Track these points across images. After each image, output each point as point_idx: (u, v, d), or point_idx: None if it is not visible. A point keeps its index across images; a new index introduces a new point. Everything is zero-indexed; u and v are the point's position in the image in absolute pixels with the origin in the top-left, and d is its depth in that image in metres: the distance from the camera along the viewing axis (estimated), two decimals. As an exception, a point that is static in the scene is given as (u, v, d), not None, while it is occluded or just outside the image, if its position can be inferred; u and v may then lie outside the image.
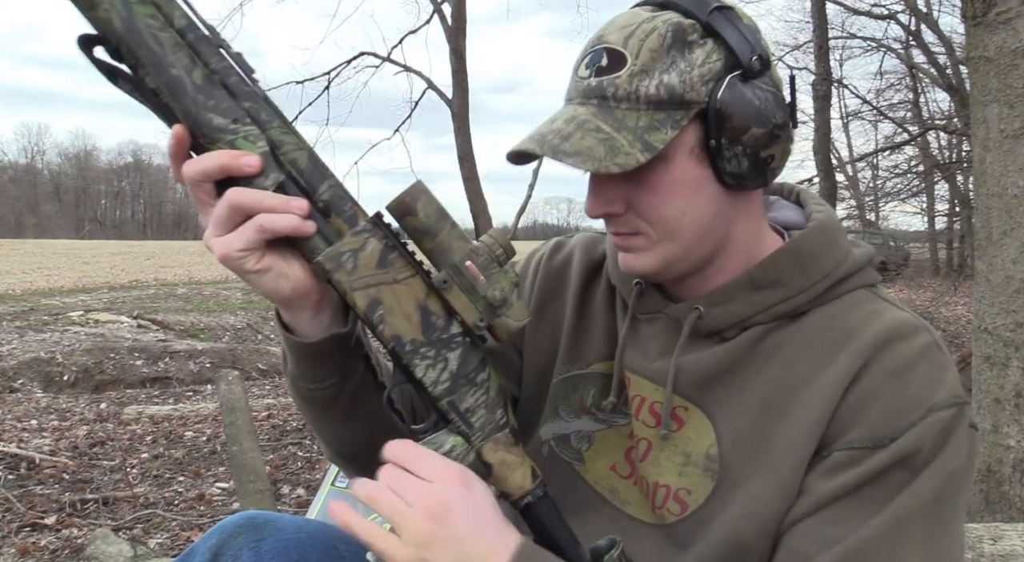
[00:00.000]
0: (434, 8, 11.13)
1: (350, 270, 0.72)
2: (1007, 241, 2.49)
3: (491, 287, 0.73)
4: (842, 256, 0.84)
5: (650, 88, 0.76)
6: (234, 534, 0.84)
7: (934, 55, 12.86)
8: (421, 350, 0.74)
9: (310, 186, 0.72)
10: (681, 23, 0.77)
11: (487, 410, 0.76)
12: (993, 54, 2.45)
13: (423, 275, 0.74)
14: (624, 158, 0.75)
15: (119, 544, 2.71)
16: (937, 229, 21.01)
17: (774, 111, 0.78)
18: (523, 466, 0.78)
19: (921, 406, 0.75)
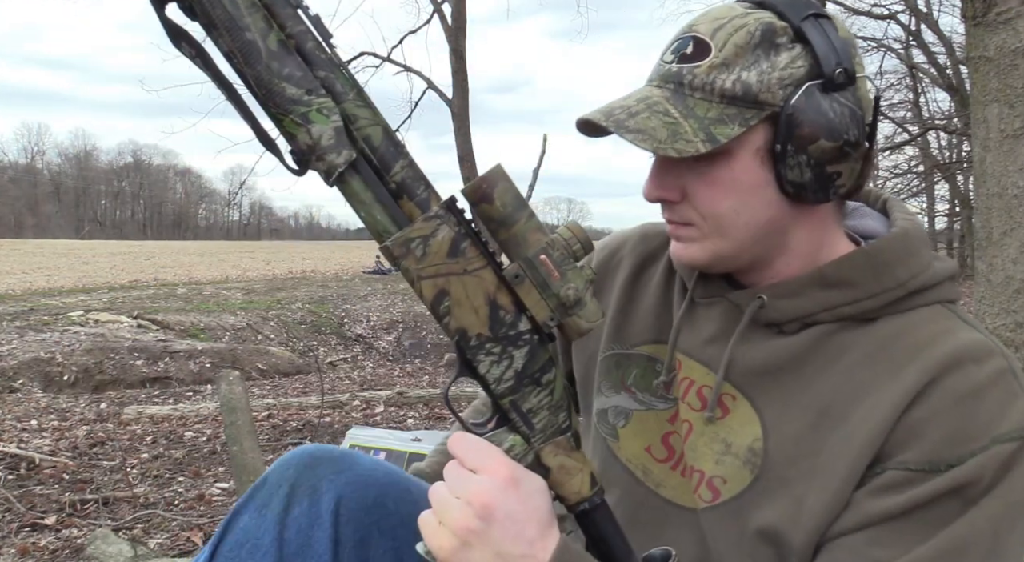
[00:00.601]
0: (434, 8, 11.14)
1: (419, 257, 0.68)
2: (1007, 241, 2.49)
3: (565, 285, 0.71)
4: (920, 268, 0.81)
5: (727, 82, 0.75)
6: (312, 465, 0.82)
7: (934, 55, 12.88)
8: (487, 346, 0.71)
9: (383, 164, 0.68)
10: (773, 24, 0.76)
11: (550, 412, 0.74)
12: (993, 54, 2.45)
13: (495, 267, 0.71)
14: (684, 144, 0.74)
15: (119, 544, 2.71)
16: (937, 229, 21.02)
17: (848, 127, 0.75)
18: (583, 472, 0.76)
19: (985, 435, 0.72)
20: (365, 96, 0.68)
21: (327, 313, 11.05)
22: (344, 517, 0.80)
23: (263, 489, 0.82)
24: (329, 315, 10.99)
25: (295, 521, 0.79)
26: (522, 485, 0.69)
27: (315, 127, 0.65)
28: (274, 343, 9.44)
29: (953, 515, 0.71)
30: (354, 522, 0.80)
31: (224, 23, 0.62)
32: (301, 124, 0.65)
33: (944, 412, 0.73)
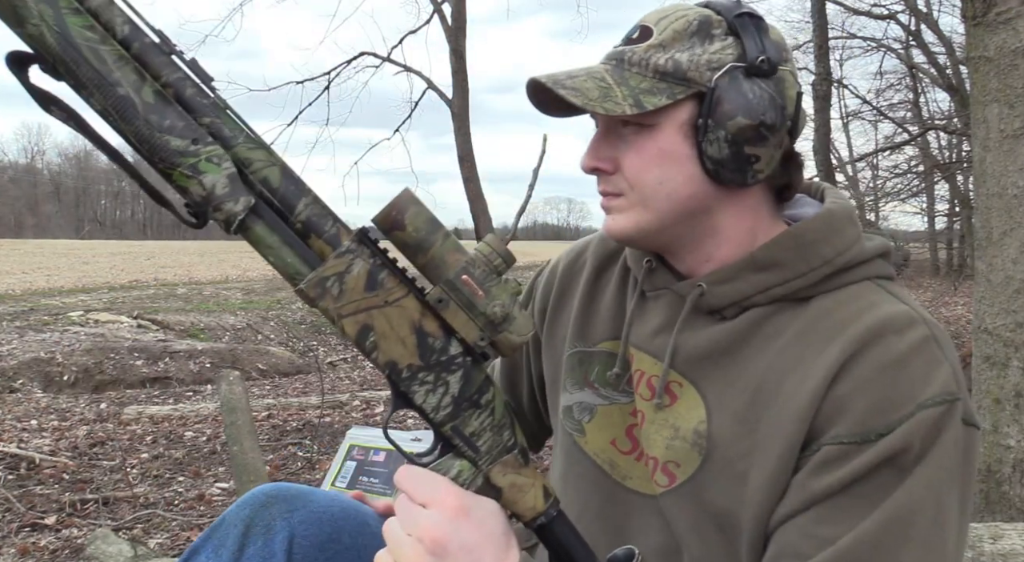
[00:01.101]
0: (434, 8, 11.14)
1: (336, 296, 0.67)
2: (1007, 241, 2.48)
3: (491, 302, 0.70)
4: (845, 245, 0.85)
5: (660, 60, 0.81)
6: (266, 504, 0.83)
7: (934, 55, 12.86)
8: (419, 375, 0.70)
9: (286, 205, 0.67)
10: (711, 17, 0.83)
11: (493, 432, 0.74)
12: (993, 54, 2.45)
13: (417, 294, 0.70)
14: (612, 105, 0.79)
15: (119, 544, 2.71)
16: (937, 229, 21.00)
17: (766, 109, 0.81)
18: (535, 487, 0.77)
19: (910, 402, 0.74)
20: (256, 137, 0.66)
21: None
22: (298, 555, 0.81)
23: (220, 529, 0.82)
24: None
25: (249, 560, 0.80)
26: (473, 513, 0.69)
27: (207, 177, 0.63)
28: (274, 343, 9.44)
29: (892, 485, 0.73)
30: (308, 559, 0.81)
31: (92, 81, 0.60)
32: (191, 175, 0.63)
33: (868, 383, 0.75)
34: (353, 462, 2.58)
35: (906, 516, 0.73)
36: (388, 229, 0.69)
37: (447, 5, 11.14)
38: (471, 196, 11.06)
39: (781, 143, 0.83)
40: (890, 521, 0.73)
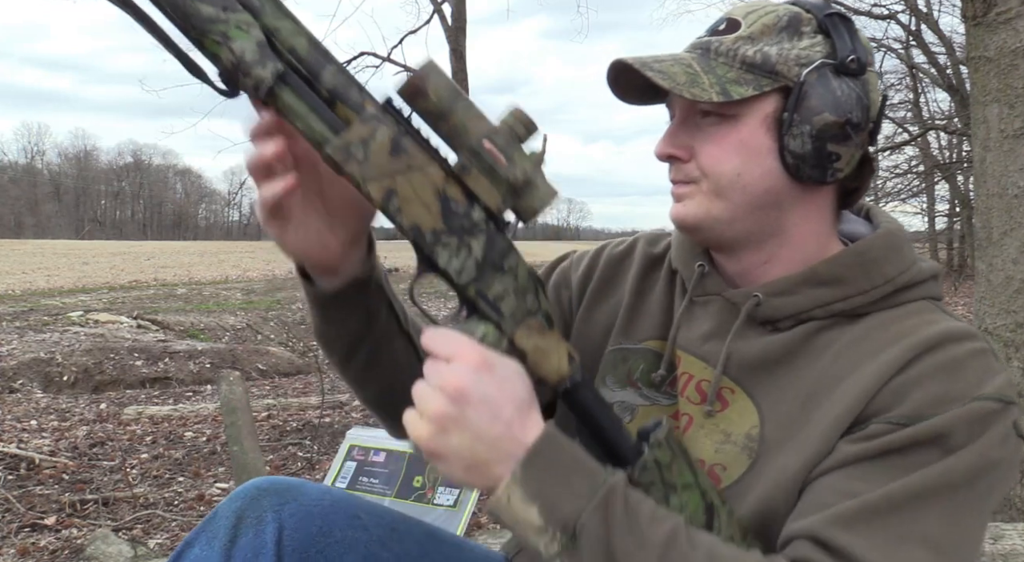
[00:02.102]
0: (434, 8, 11.13)
1: (361, 160, 0.69)
2: (1007, 241, 2.48)
3: (512, 168, 0.71)
4: (906, 265, 0.86)
5: (749, 52, 0.82)
6: (257, 497, 0.84)
7: (934, 55, 12.84)
8: (443, 239, 0.72)
9: (312, 73, 0.69)
10: (800, 14, 0.84)
11: (517, 296, 0.75)
12: (993, 54, 2.45)
13: (440, 161, 0.71)
14: (699, 91, 0.80)
15: (119, 544, 2.71)
16: (937, 229, 21.00)
17: (853, 108, 0.81)
18: (559, 351, 0.77)
19: (965, 397, 0.75)
20: (283, 7, 0.68)
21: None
22: (288, 546, 0.81)
23: (214, 522, 0.83)
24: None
25: (240, 551, 0.80)
26: (496, 369, 0.70)
27: (236, 43, 0.65)
28: (274, 343, 9.44)
29: (930, 461, 0.74)
30: (298, 551, 0.81)
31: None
32: (221, 42, 0.65)
33: (926, 378, 0.76)
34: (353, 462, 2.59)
35: (938, 490, 0.73)
36: (411, 97, 0.70)
37: (447, 5, 11.14)
38: (471, 196, 11.07)
39: (863, 144, 0.84)
40: (921, 490, 0.73)
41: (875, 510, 0.72)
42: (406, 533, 0.91)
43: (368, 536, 0.86)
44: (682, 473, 0.78)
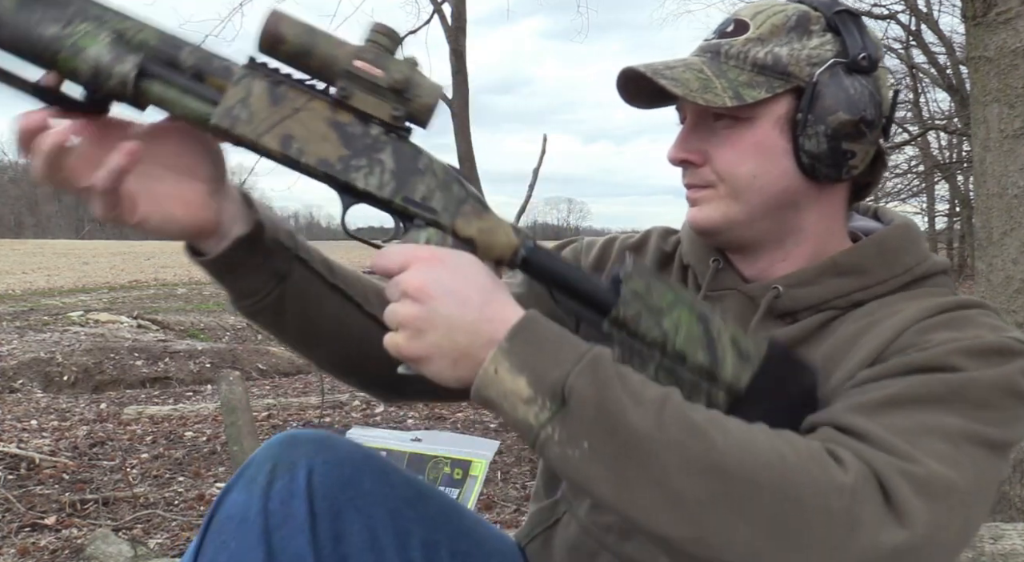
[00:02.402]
0: (434, 8, 11.13)
1: (247, 119, 0.70)
2: (1007, 241, 2.48)
3: (390, 75, 0.71)
4: (923, 255, 0.87)
5: (759, 53, 0.82)
6: (292, 445, 0.85)
7: (934, 55, 12.84)
8: (352, 163, 0.73)
9: (170, 59, 0.70)
10: (808, 13, 0.84)
11: (442, 190, 0.75)
12: (993, 54, 2.45)
13: (321, 94, 0.73)
14: (712, 96, 0.80)
15: (119, 544, 2.71)
16: (937, 229, 21.01)
17: (866, 106, 0.82)
18: (501, 226, 0.77)
19: (977, 339, 0.75)
20: (124, 11, 0.69)
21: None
22: (319, 492, 0.82)
23: (251, 467, 0.84)
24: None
25: (277, 494, 0.81)
26: (449, 261, 0.71)
27: (90, 50, 0.67)
28: (274, 343, 9.43)
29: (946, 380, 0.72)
30: (329, 497, 0.82)
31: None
32: (74, 55, 0.67)
33: (942, 326, 0.77)
34: (353, 462, 2.59)
35: (962, 396, 0.71)
36: (271, 47, 0.71)
37: (447, 5, 11.13)
38: (471, 196, 11.06)
39: (876, 140, 0.85)
40: (945, 393, 0.71)
41: (897, 402, 0.71)
42: (431, 499, 0.92)
43: (396, 493, 0.87)
44: (663, 295, 0.77)
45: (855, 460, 0.65)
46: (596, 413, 0.65)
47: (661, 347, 0.76)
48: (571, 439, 0.66)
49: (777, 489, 0.63)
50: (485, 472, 2.66)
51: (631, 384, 0.67)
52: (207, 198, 0.76)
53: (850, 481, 0.64)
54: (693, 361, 0.76)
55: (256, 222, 0.79)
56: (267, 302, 0.82)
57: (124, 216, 0.72)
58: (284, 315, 0.84)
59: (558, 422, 0.66)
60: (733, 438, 0.65)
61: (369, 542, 0.83)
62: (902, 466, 0.65)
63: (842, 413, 0.72)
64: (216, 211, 0.77)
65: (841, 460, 0.65)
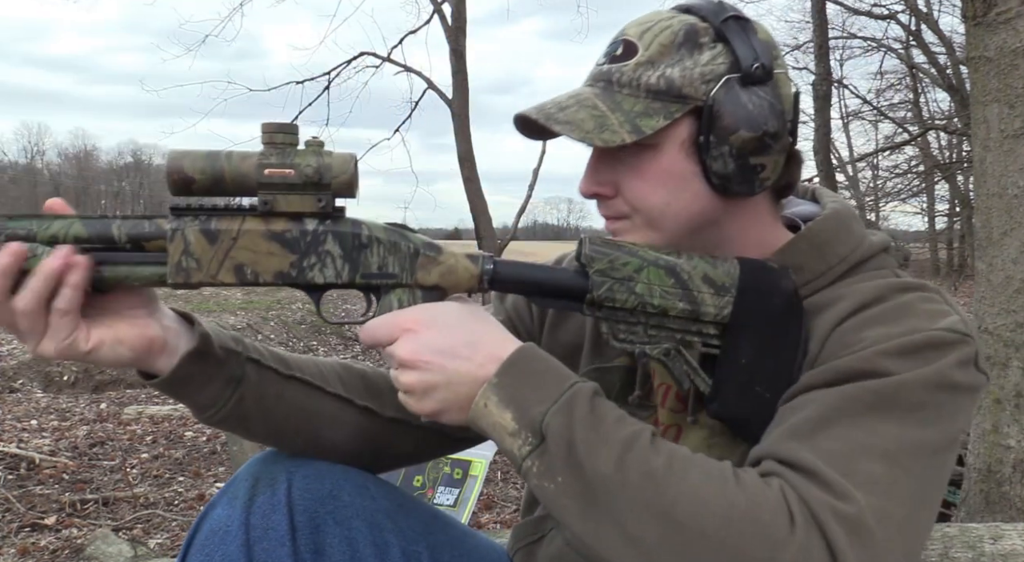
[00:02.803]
0: (434, 8, 11.12)
1: (197, 267, 0.75)
2: (1007, 241, 2.48)
3: (300, 172, 0.74)
4: (857, 241, 0.86)
5: (652, 78, 0.80)
6: (273, 461, 0.87)
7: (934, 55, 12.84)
8: (303, 264, 0.77)
9: (104, 240, 0.75)
10: (696, 25, 0.82)
11: (392, 253, 0.79)
12: (993, 54, 2.45)
13: (248, 213, 0.76)
14: (610, 135, 0.79)
15: (119, 544, 2.71)
16: (937, 229, 21.00)
17: (767, 119, 0.80)
18: (457, 261, 0.80)
19: (916, 331, 0.75)
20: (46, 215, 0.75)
21: (327, 313, 11.05)
22: (299, 505, 0.84)
23: (234, 484, 0.86)
24: (329, 315, 10.98)
25: (259, 508, 0.83)
26: (430, 320, 0.75)
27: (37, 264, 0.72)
28: (274, 343, 9.43)
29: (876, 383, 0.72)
30: (308, 511, 0.84)
31: None
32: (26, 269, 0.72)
33: (874, 321, 0.77)
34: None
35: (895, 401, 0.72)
36: (184, 189, 0.74)
37: (447, 5, 11.13)
38: (471, 196, 11.05)
39: (784, 147, 0.83)
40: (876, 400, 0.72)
41: (830, 420, 0.71)
42: (412, 510, 0.93)
43: (375, 506, 0.88)
44: (627, 263, 0.80)
45: (800, 506, 0.66)
46: (567, 452, 0.69)
47: (642, 311, 0.80)
48: (547, 473, 0.70)
49: (724, 541, 0.65)
50: (485, 472, 2.66)
51: (602, 424, 0.70)
52: (148, 318, 0.79)
53: (798, 536, 0.65)
54: (675, 312, 0.80)
55: (201, 335, 0.81)
56: (229, 408, 0.84)
57: (79, 344, 0.74)
58: (248, 417, 0.85)
59: (537, 457, 0.71)
60: (688, 486, 0.67)
61: (349, 554, 0.84)
62: (836, 507, 0.66)
63: (782, 441, 0.72)
64: (160, 327, 0.80)
65: (791, 508, 0.66)
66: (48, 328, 0.73)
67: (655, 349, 0.82)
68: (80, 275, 0.73)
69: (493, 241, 10.88)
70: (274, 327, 10.15)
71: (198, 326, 0.82)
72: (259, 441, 0.91)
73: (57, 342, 0.73)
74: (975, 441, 2.63)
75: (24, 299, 0.72)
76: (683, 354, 0.82)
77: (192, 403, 0.83)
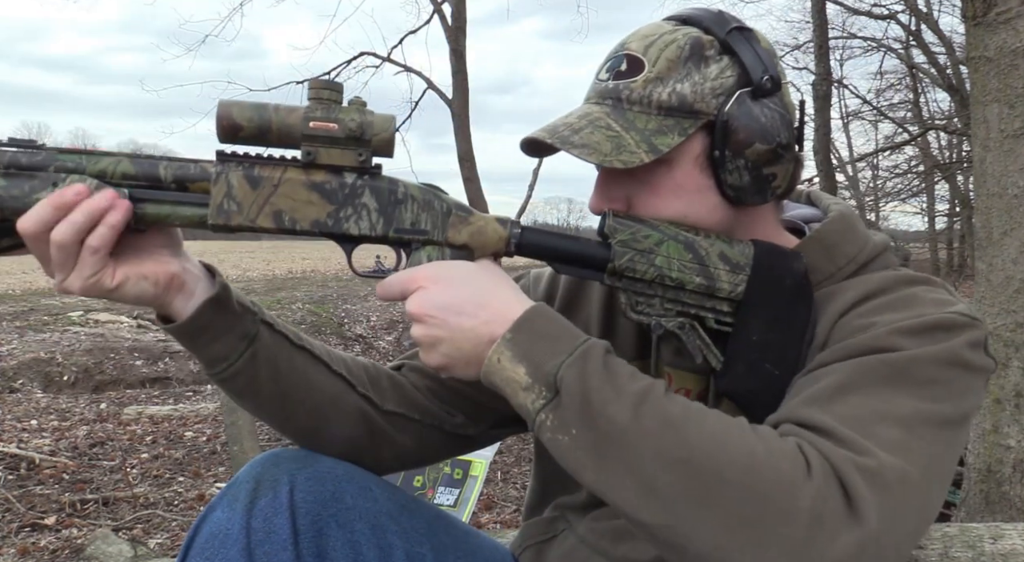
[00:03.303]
0: (434, 8, 11.12)
1: (238, 210, 0.78)
2: (1007, 241, 2.48)
3: (343, 126, 0.77)
4: (863, 241, 0.88)
5: (663, 95, 0.81)
6: (275, 463, 0.87)
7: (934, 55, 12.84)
8: (340, 215, 0.79)
9: (150, 179, 0.77)
10: (700, 38, 0.82)
11: (426, 211, 0.81)
12: (993, 54, 2.45)
13: (291, 163, 0.79)
14: (629, 156, 0.79)
15: (119, 544, 2.71)
16: (937, 229, 20.99)
17: (779, 130, 0.81)
18: (487, 223, 0.83)
19: (925, 315, 0.76)
20: (92, 152, 0.77)
21: (327, 313, 11.05)
22: (301, 508, 0.83)
23: (234, 487, 0.85)
24: (329, 315, 10.98)
25: (260, 511, 0.82)
26: (442, 278, 0.77)
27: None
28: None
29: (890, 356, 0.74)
30: (311, 513, 0.84)
31: None
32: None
33: (886, 308, 0.78)
34: (353, 462, 2.58)
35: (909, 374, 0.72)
36: (232, 137, 0.77)
37: (447, 5, 11.13)
38: (471, 196, 11.05)
39: (794, 156, 0.84)
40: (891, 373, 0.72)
41: (847, 388, 0.72)
42: (415, 512, 0.92)
43: (378, 507, 0.88)
44: (648, 236, 0.82)
45: (818, 458, 0.67)
46: (581, 403, 0.70)
47: (660, 283, 0.82)
48: (561, 427, 0.71)
49: (744, 486, 0.65)
50: (485, 472, 2.66)
51: (616, 377, 0.71)
52: (171, 257, 0.81)
53: (816, 482, 0.65)
54: (691, 287, 0.82)
55: (221, 284, 0.83)
56: (240, 365, 0.85)
57: (104, 280, 0.77)
58: (258, 377, 0.86)
59: (551, 410, 0.71)
60: (706, 433, 0.68)
61: (352, 557, 0.84)
62: (857, 460, 0.67)
63: (799, 407, 0.73)
64: (181, 267, 0.81)
65: (808, 458, 0.67)
66: (77, 263, 0.75)
67: (670, 321, 0.83)
68: (119, 217, 0.75)
69: (493, 241, 10.86)
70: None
71: (219, 276, 0.84)
72: (263, 412, 0.90)
73: (83, 279, 0.76)
74: (975, 441, 2.63)
75: (62, 232, 0.74)
76: (697, 328, 0.83)
77: (206, 354, 0.84)
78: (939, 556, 1.42)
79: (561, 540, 0.98)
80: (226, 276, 0.85)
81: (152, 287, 0.79)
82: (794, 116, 0.84)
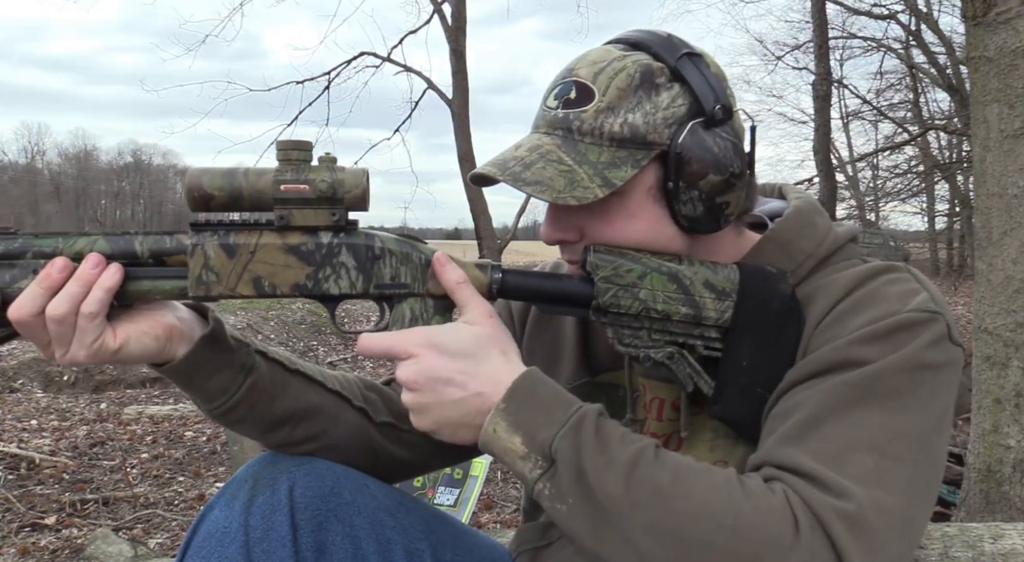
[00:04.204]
0: (434, 8, 11.12)
1: (216, 280, 0.78)
2: (1007, 241, 2.48)
3: (315, 187, 0.76)
4: (821, 235, 0.87)
5: (614, 126, 0.79)
6: (273, 462, 0.87)
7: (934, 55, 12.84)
8: (319, 276, 0.79)
9: (127, 255, 0.77)
10: (650, 65, 0.81)
11: (404, 263, 0.81)
12: (993, 54, 2.45)
13: (265, 226, 0.79)
14: (582, 191, 0.78)
15: (119, 544, 2.71)
16: (937, 229, 20.99)
17: (732, 159, 0.81)
18: (468, 270, 0.82)
19: (887, 316, 0.76)
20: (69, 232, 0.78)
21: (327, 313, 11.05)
22: (300, 504, 0.84)
23: (232, 485, 0.86)
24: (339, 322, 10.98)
25: (259, 509, 0.83)
26: (432, 345, 0.77)
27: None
28: (274, 343, 9.43)
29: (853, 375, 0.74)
30: (310, 509, 0.84)
31: None
32: None
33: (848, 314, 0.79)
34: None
35: (874, 392, 0.73)
36: (203, 205, 0.77)
37: (447, 5, 11.13)
38: (471, 196, 11.05)
39: (747, 182, 0.84)
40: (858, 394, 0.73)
41: (818, 419, 0.73)
42: (412, 509, 0.93)
43: (376, 504, 0.89)
44: (630, 270, 0.82)
45: (803, 509, 0.68)
46: (576, 474, 0.71)
47: (646, 316, 0.82)
48: (558, 496, 0.72)
49: (731, 551, 0.67)
50: (485, 472, 2.66)
51: (609, 446, 0.72)
52: (162, 308, 0.82)
53: (803, 540, 0.66)
54: (678, 317, 0.82)
55: (215, 320, 0.83)
56: (239, 396, 0.85)
57: (108, 343, 0.76)
58: (257, 406, 0.86)
59: (548, 479, 0.73)
60: (694, 499, 0.69)
61: (352, 552, 0.85)
62: (837, 506, 0.68)
63: (776, 448, 0.74)
64: (175, 316, 0.82)
65: (795, 512, 0.68)
66: (76, 332, 0.75)
67: (659, 353, 0.83)
68: (112, 279, 0.75)
69: (493, 241, 10.88)
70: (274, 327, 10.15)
71: (211, 313, 0.84)
72: (262, 437, 0.91)
73: (86, 346, 0.75)
74: (975, 441, 2.63)
75: (58, 306, 0.74)
76: (686, 357, 0.83)
77: (203, 391, 0.84)
78: (939, 556, 1.42)
79: (557, 549, 0.99)
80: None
81: (154, 342, 0.79)
82: (745, 137, 0.84)
